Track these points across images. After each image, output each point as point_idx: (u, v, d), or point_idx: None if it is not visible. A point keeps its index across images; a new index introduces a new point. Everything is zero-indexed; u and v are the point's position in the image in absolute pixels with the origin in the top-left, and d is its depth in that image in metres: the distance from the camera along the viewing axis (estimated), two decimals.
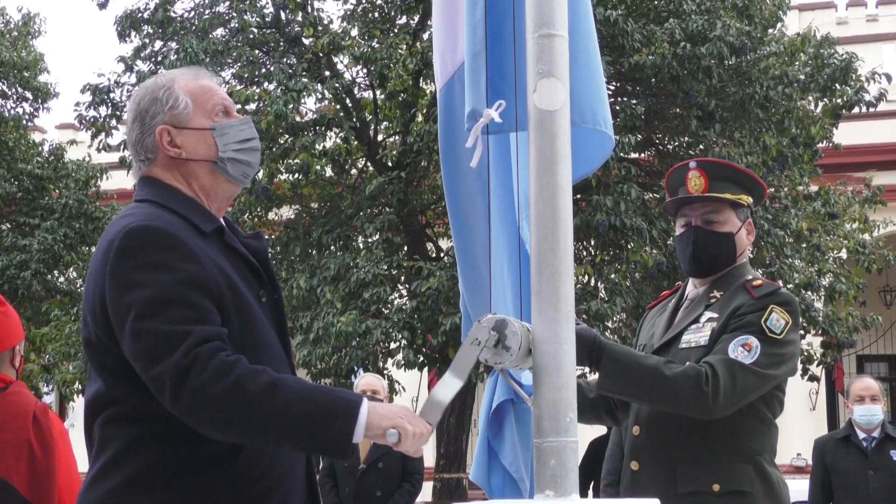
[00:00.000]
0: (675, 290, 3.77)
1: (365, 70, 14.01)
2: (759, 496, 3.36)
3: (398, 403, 2.56)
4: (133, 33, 14.12)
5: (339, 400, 2.42)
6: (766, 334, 3.33)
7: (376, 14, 14.29)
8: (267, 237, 14.60)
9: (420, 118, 13.26)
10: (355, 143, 13.86)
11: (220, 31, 14.27)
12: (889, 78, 13.89)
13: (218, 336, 2.42)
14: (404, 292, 13.71)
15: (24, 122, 18.51)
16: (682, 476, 3.38)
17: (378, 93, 13.96)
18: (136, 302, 2.40)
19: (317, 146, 12.92)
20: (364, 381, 8.05)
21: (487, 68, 2.98)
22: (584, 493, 8.49)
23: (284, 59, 13.78)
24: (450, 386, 2.61)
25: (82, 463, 3.08)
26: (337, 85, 13.39)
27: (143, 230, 2.48)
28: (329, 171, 13.89)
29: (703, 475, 3.36)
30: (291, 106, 12.89)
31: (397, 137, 14.29)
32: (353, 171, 14.63)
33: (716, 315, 3.46)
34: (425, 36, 13.69)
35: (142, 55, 14.11)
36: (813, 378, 15.38)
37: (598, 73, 3.17)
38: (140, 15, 14.06)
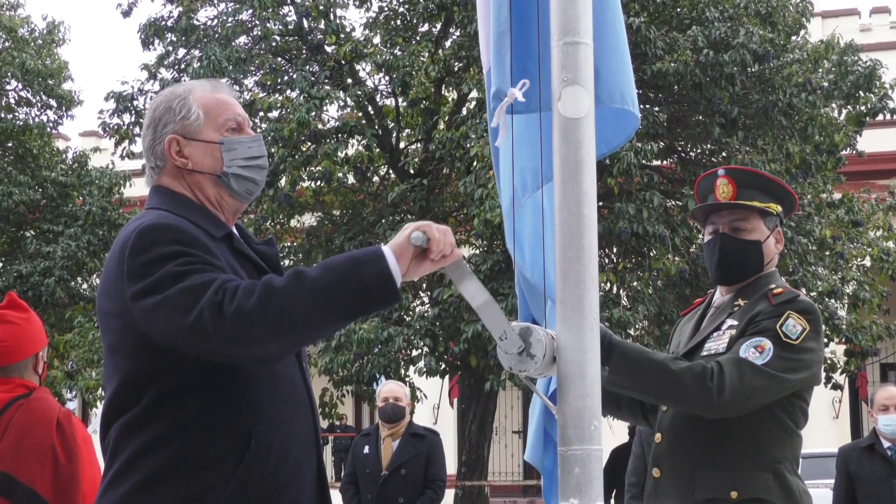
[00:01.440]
0: (706, 298, 3.77)
1: (387, 77, 14.04)
2: None
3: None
4: (157, 41, 14.22)
5: (359, 253, 2.47)
6: (780, 339, 3.31)
7: (398, 22, 14.32)
8: (289, 244, 14.70)
9: (442, 125, 13.28)
10: (377, 150, 13.88)
11: (242, 39, 14.35)
12: None
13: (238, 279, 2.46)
14: (426, 299, 13.72)
15: (49, 129, 18.63)
16: (701, 483, 3.37)
17: (400, 100, 13.98)
18: (156, 280, 2.43)
19: (339, 153, 12.95)
20: (386, 388, 8.03)
21: (512, 48, 2.97)
22: (606, 502, 8.46)
23: (307, 67, 13.82)
24: (476, 292, 2.57)
25: None
26: (359, 92, 13.42)
27: (154, 228, 2.52)
28: (351, 179, 13.93)
29: (722, 482, 3.34)
30: (314, 113, 12.93)
31: (419, 145, 14.31)
32: (375, 179, 14.66)
33: (736, 322, 3.45)
34: (447, 43, 13.71)
35: (165, 63, 14.19)
36: (836, 386, 15.31)
37: (626, 56, 3.16)
38: (164, 23, 14.15)
